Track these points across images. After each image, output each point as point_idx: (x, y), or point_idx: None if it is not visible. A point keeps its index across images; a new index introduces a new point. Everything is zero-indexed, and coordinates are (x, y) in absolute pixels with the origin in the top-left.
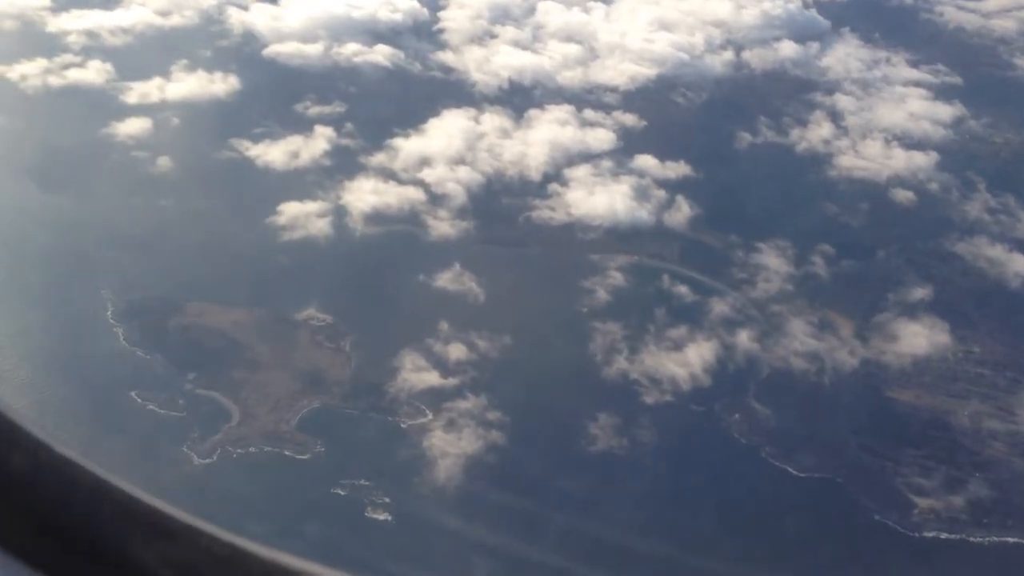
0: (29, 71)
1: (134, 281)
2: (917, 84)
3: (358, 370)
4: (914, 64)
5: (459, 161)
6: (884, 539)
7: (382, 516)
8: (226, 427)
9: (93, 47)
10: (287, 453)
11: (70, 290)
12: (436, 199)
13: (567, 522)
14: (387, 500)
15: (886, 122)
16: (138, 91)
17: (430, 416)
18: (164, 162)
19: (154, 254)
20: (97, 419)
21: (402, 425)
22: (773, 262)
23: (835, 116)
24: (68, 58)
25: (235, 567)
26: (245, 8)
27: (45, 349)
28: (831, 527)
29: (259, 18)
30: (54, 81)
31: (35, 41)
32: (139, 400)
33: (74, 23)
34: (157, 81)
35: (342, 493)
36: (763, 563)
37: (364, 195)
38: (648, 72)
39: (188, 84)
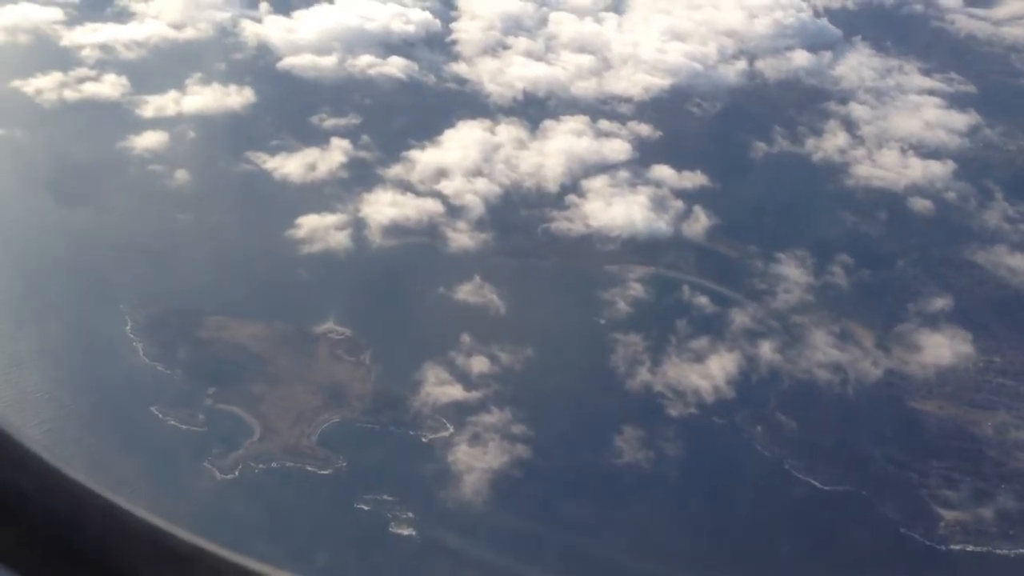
0: (45, 85)
1: (152, 295)
2: (931, 92)
3: (378, 384)
4: (926, 72)
5: (476, 173)
6: (911, 553)
7: (407, 531)
8: (247, 442)
9: (108, 61)
10: (309, 468)
11: (89, 305)
12: (454, 211)
13: (596, 537)
14: (411, 515)
15: (901, 131)
16: (154, 104)
17: (451, 430)
18: (181, 175)
19: (172, 268)
20: (118, 434)
21: (423, 439)
22: (792, 272)
23: (850, 125)
24: (83, 72)
25: None
26: (259, 21)
27: (65, 364)
28: (857, 541)
29: (273, 31)
30: (70, 95)
31: (50, 55)
32: (160, 415)
33: (88, 37)
34: (173, 94)
35: (366, 508)
36: None
37: (382, 207)
38: (662, 82)
39: (204, 97)
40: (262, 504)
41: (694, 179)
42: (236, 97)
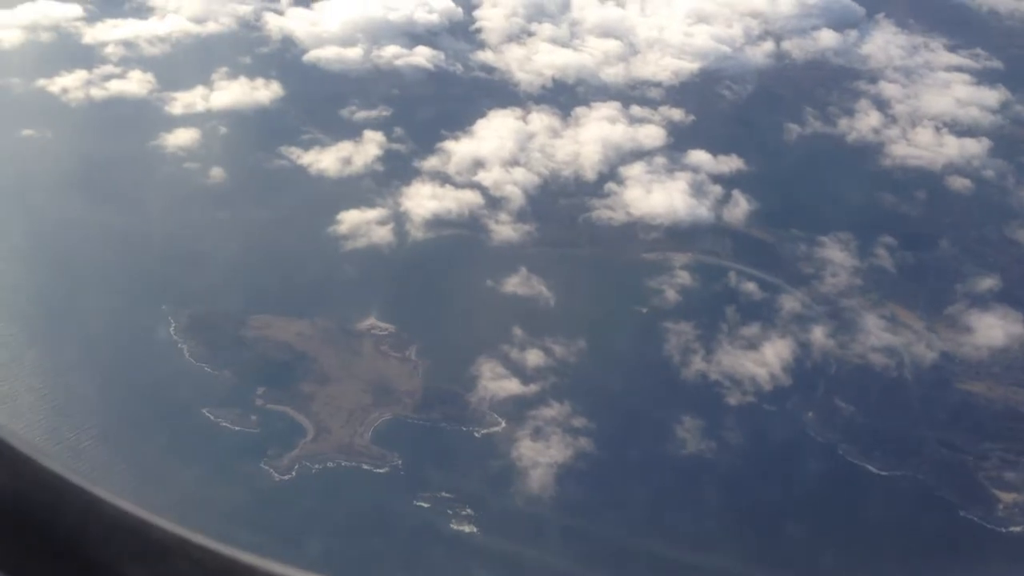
0: (70, 83)
1: (193, 294)
2: (959, 69)
3: (427, 379)
4: (952, 49)
5: (513, 163)
6: (971, 535)
7: (467, 528)
8: (302, 442)
9: (131, 57)
10: (365, 467)
11: (131, 306)
12: (494, 202)
13: (667, 529)
14: (470, 512)
15: (934, 109)
16: (182, 101)
17: (503, 425)
18: (217, 173)
19: (212, 266)
20: (172, 438)
21: (476, 435)
22: (838, 256)
23: (881, 104)
24: (108, 69)
25: None
26: (281, 13)
27: (112, 368)
28: (917, 525)
29: (297, 23)
30: (96, 93)
31: (73, 52)
32: (212, 417)
33: (110, 33)
34: (200, 90)
35: (425, 506)
36: (856, 561)
37: (423, 201)
38: (691, 66)
39: (231, 92)
40: (323, 504)
41: (730, 163)
42: (264, 91)
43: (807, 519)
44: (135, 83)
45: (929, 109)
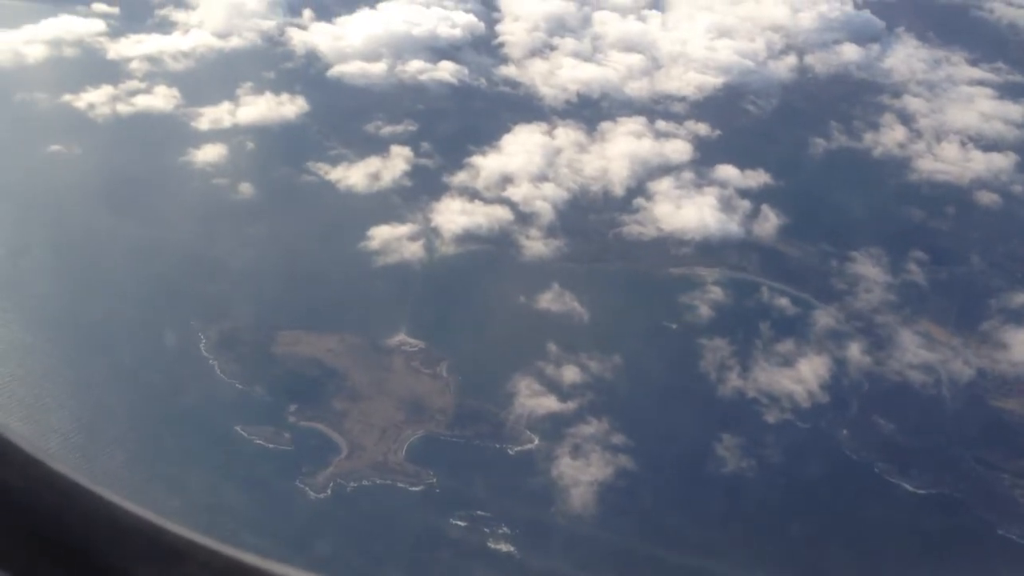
0: (96, 99)
1: (222, 310)
2: (981, 83)
3: (459, 396)
4: (973, 63)
5: (541, 178)
6: (1009, 553)
7: (505, 547)
8: (336, 460)
9: (156, 72)
10: (400, 485)
11: (160, 322)
12: (524, 218)
13: (710, 548)
14: (507, 531)
15: (959, 123)
16: (208, 116)
17: (536, 442)
18: (246, 188)
19: (241, 281)
20: (208, 456)
21: (510, 452)
22: (870, 271)
23: (906, 119)
24: (133, 84)
25: None
26: (304, 28)
27: (144, 383)
28: (956, 543)
29: (320, 38)
30: (123, 108)
31: (98, 68)
32: (245, 435)
33: (134, 49)
34: (226, 105)
35: (461, 524)
36: None
37: (453, 216)
38: (715, 80)
39: (257, 107)
40: (360, 523)
41: (757, 178)
42: (289, 106)
43: (847, 538)
44: (161, 98)
45: (954, 123)
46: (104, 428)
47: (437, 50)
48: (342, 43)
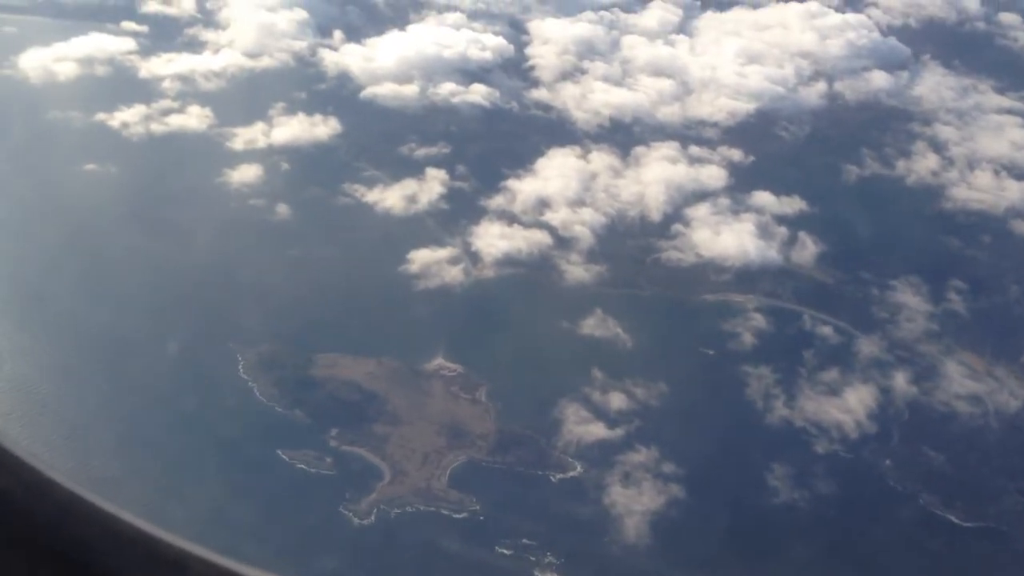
0: (129, 118)
1: (259, 333)
2: (1009, 112)
3: (500, 422)
4: (1000, 91)
5: (579, 202)
6: None
7: None
8: (379, 486)
9: (188, 92)
10: (444, 512)
11: (199, 344)
12: (563, 242)
13: None
14: (552, 559)
15: (990, 152)
16: (242, 137)
17: (579, 469)
18: (283, 210)
19: (277, 304)
20: (252, 481)
21: (552, 479)
22: (911, 300)
23: (938, 147)
24: (166, 104)
25: None
26: (335, 49)
27: (185, 407)
28: None
29: (352, 59)
30: (156, 128)
31: (130, 87)
32: (287, 459)
33: (165, 68)
34: (260, 126)
35: (507, 553)
36: None
37: (493, 240)
38: (746, 106)
39: (291, 128)
40: (405, 551)
41: (793, 204)
42: (323, 128)
43: (898, 572)
44: (194, 118)
45: (986, 152)
46: (145, 453)
47: (468, 73)
48: (373, 65)
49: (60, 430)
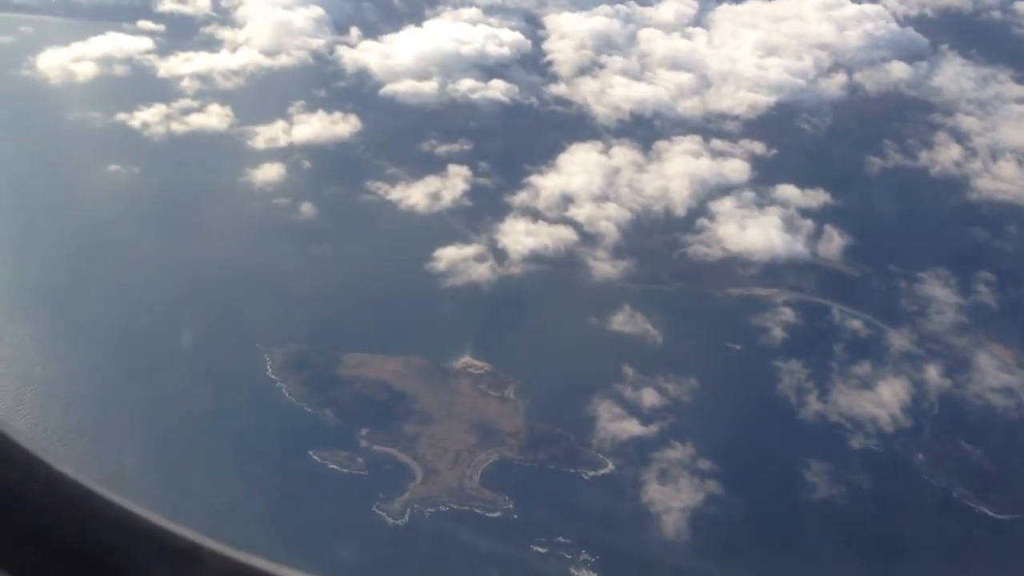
0: (150, 118)
1: (286, 332)
2: None
3: (529, 420)
4: (1019, 80)
5: (603, 198)
6: None
7: (588, 575)
8: (412, 485)
9: (207, 91)
10: (477, 511)
11: (226, 345)
12: (589, 238)
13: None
14: (588, 557)
15: (1013, 142)
16: (264, 135)
17: (610, 466)
18: (307, 208)
19: (302, 303)
20: (285, 482)
21: (584, 477)
22: (940, 292)
23: (960, 137)
24: (186, 103)
25: None
26: (353, 46)
27: (216, 408)
28: None
29: (370, 57)
30: (177, 127)
31: (149, 86)
32: (319, 460)
33: (183, 67)
34: (280, 124)
35: (542, 551)
36: None
37: (519, 237)
38: (767, 99)
39: (311, 126)
40: (440, 550)
41: (817, 197)
42: (343, 125)
43: (941, 566)
44: (215, 117)
45: (1008, 142)
46: (176, 454)
47: (486, 68)
48: (392, 61)
49: (88, 431)
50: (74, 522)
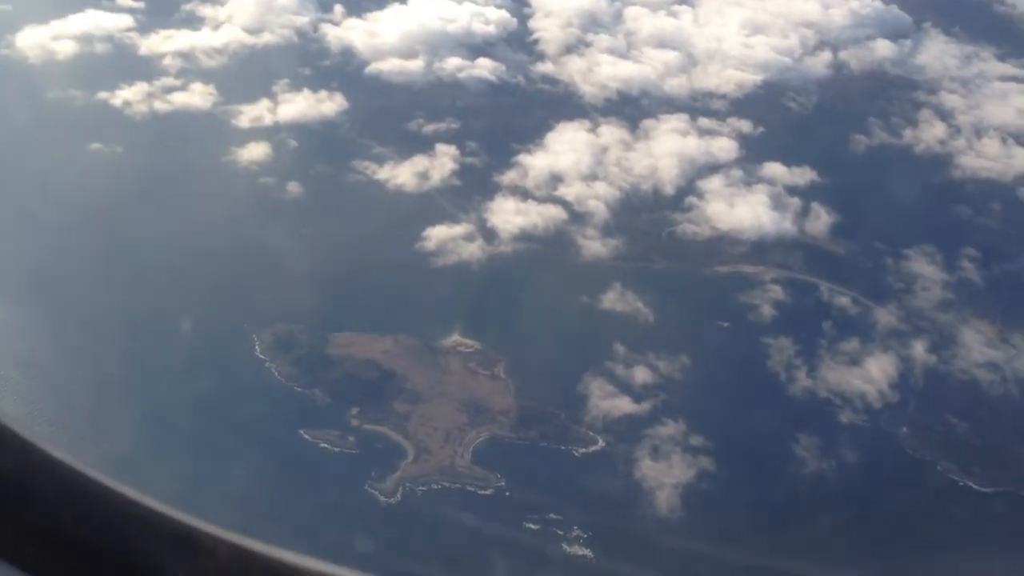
0: (132, 96)
1: (273, 312)
2: (1013, 79)
3: (519, 398)
4: (1002, 58)
5: (591, 177)
6: None
7: (581, 551)
8: (404, 464)
9: (190, 69)
10: (469, 488)
11: (212, 325)
12: (578, 217)
13: (798, 551)
14: (580, 533)
15: (996, 120)
16: (248, 114)
17: (601, 443)
18: (294, 188)
19: (288, 283)
20: (278, 461)
21: (575, 454)
22: (926, 269)
23: (943, 115)
24: (168, 81)
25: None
26: (337, 24)
27: (206, 388)
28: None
29: (355, 35)
30: (160, 106)
31: (130, 64)
32: (310, 439)
33: (165, 45)
34: (265, 103)
35: (534, 527)
36: None
37: (508, 216)
38: (753, 77)
39: (297, 105)
40: (433, 528)
41: (804, 175)
42: (329, 104)
43: (931, 540)
44: (198, 96)
45: (992, 120)
46: (165, 435)
47: (472, 47)
48: (377, 40)
49: (75, 413)
50: (73, 510)
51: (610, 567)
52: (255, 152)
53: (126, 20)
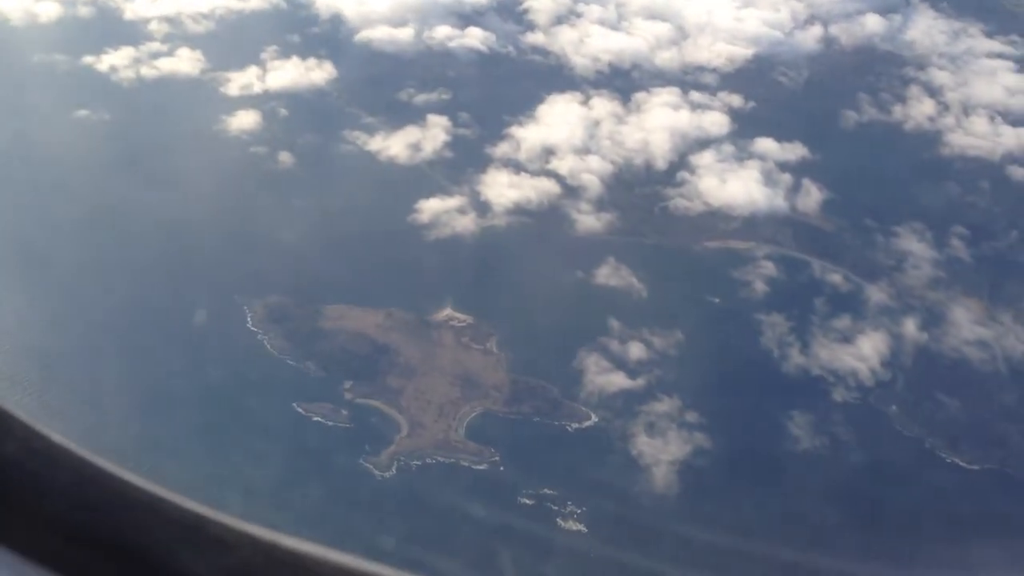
0: (118, 61)
1: (265, 285)
2: (1000, 56)
3: (512, 372)
4: (989, 35)
5: (584, 150)
6: None
7: (576, 526)
8: (397, 438)
9: (176, 34)
10: (463, 463)
11: (204, 297)
12: (572, 191)
13: (793, 528)
14: (575, 509)
15: (985, 97)
16: (237, 81)
17: (594, 419)
18: (285, 158)
19: (279, 255)
20: (272, 435)
21: (568, 429)
22: (916, 247)
23: (932, 91)
24: (155, 46)
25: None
26: None
27: (199, 361)
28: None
29: (344, 2)
30: (147, 72)
31: (116, 29)
32: (303, 413)
33: (151, 9)
34: (254, 70)
35: (529, 503)
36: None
37: (502, 189)
38: (744, 51)
39: (286, 73)
40: (429, 503)
41: (795, 151)
42: (319, 72)
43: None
44: (185, 62)
45: (980, 97)
46: (158, 409)
47: (462, 16)
48: (366, 7)
49: (67, 391)
50: (76, 496)
51: (605, 542)
52: (245, 121)
53: None
